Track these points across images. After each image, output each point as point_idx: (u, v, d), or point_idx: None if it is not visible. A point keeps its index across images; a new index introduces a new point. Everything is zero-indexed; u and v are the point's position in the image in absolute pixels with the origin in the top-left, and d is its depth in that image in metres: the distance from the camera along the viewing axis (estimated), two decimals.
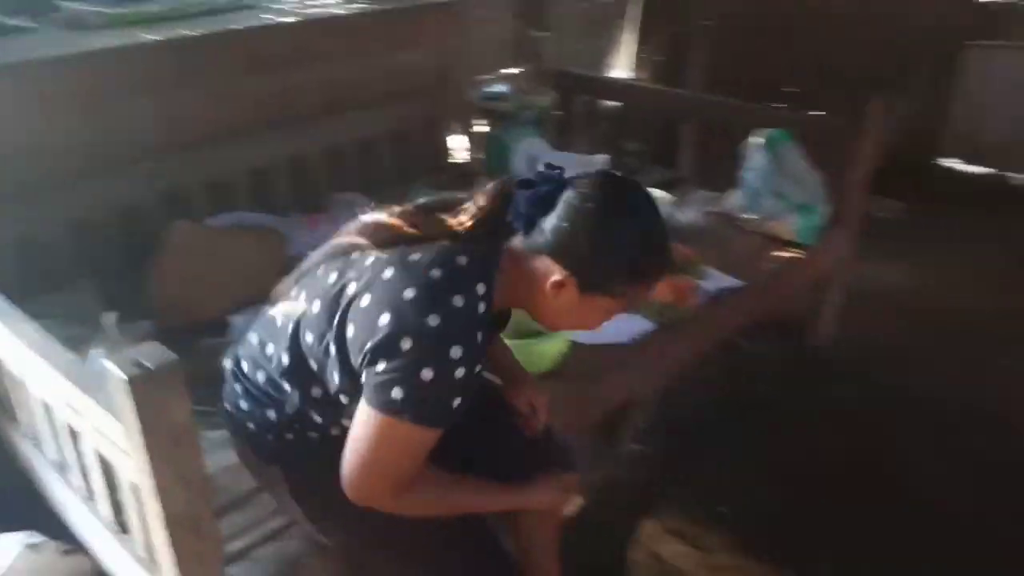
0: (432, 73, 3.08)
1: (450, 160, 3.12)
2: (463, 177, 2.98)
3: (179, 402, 1.14)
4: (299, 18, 2.74)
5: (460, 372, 1.12)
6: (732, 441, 2.44)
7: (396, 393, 1.12)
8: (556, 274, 1.19)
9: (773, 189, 2.69)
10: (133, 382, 1.08)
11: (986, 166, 4.34)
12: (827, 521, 2.16)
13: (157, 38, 2.39)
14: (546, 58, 3.31)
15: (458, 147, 3.20)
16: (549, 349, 1.88)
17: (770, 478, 2.30)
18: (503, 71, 3.22)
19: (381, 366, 1.13)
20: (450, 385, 1.12)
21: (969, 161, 4.42)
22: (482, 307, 1.15)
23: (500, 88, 2.87)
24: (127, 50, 2.31)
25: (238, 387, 1.39)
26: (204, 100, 2.48)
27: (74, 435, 1.48)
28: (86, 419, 1.33)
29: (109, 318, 1.83)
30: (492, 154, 2.84)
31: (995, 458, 2.40)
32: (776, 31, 4.21)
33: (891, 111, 2.55)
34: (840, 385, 2.70)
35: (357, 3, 2.91)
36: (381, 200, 2.45)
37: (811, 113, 3.10)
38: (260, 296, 2.05)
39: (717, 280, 2.33)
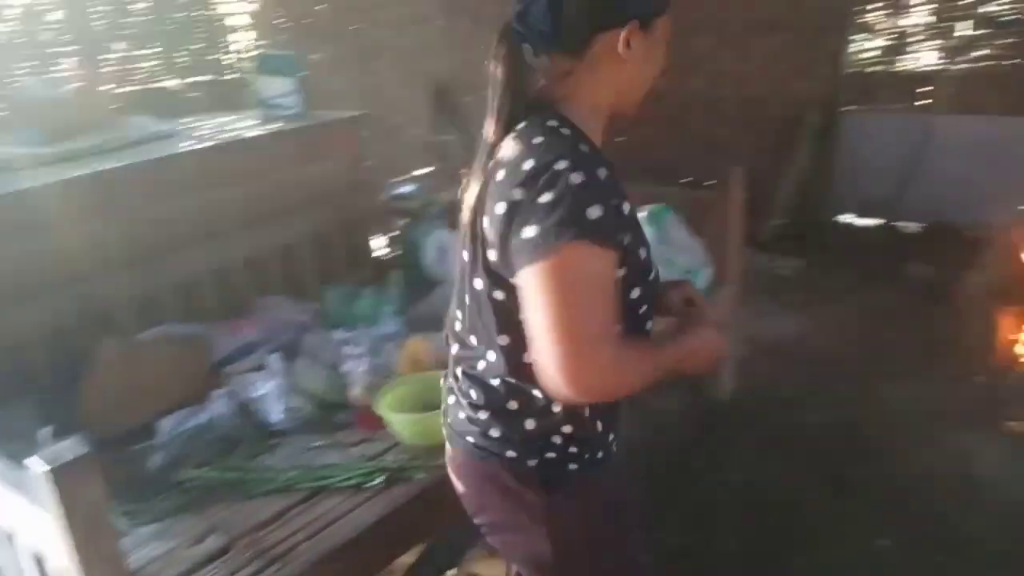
0: (343, 180, 3.34)
1: (371, 257, 3.36)
2: (380, 271, 3.22)
3: (95, 488, 1.32)
4: (216, 143, 2.99)
5: (579, 180, 1.10)
6: (643, 487, 2.63)
7: (531, 232, 1.10)
8: (615, 37, 1.19)
9: (662, 257, 2.96)
10: (54, 472, 1.26)
11: (876, 218, 4.72)
12: (731, 554, 2.35)
13: (84, 172, 2.62)
14: (452, 159, 3.61)
15: (377, 245, 3.44)
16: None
17: (680, 519, 2.49)
18: (416, 172, 3.50)
19: (518, 234, 1.12)
20: (582, 195, 1.09)
21: (861, 215, 4.79)
22: (589, 162, 1.14)
23: (408, 188, 3.14)
24: (55, 185, 2.53)
25: (470, 409, 1.32)
26: (129, 224, 2.68)
27: (9, 537, 1.62)
28: (18, 518, 1.49)
29: (45, 433, 2.00)
30: (405, 249, 3.08)
31: (879, 483, 2.62)
32: (665, 118, 4.59)
33: (744, 180, 2.85)
34: (740, 431, 2.92)
35: (269, 124, 3.18)
36: (306, 300, 2.65)
37: (683, 185, 3.41)
38: (186, 399, 2.27)
39: None
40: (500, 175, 1.19)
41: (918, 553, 2.30)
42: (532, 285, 1.10)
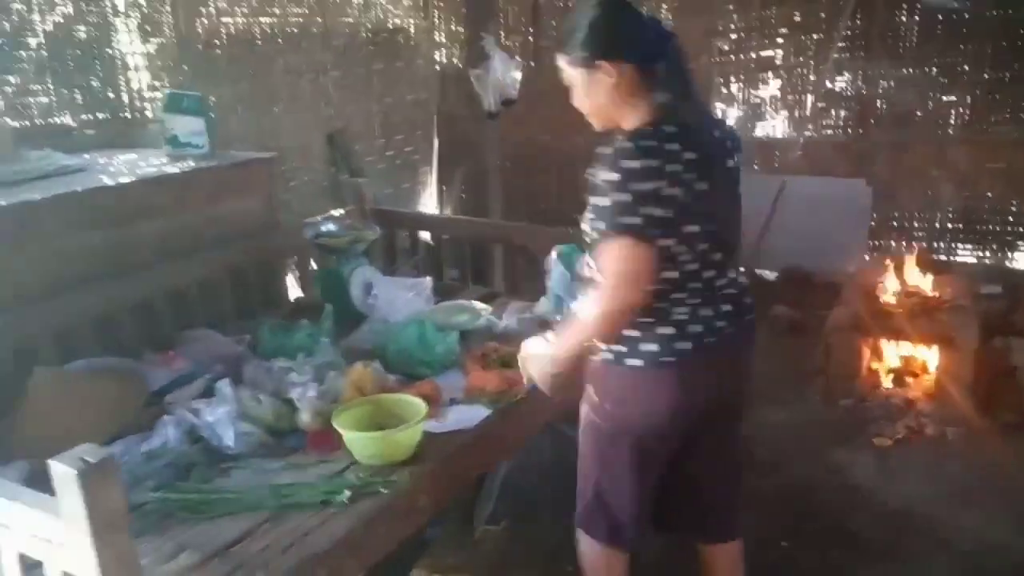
0: (259, 218, 3.39)
1: (294, 295, 3.40)
2: (299, 310, 3.27)
3: (117, 489, 1.35)
4: (134, 177, 2.97)
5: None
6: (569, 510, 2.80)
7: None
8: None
9: (572, 293, 3.19)
10: (82, 475, 1.29)
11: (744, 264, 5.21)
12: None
13: (1, 203, 2.54)
14: (366, 199, 3.73)
15: (294, 283, 3.49)
16: (406, 438, 2.18)
17: None
18: (332, 212, 3.58)
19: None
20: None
21: None
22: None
23: (330, 227, 3.22)
24: None
25: None
26: (47, 256, 2.63)
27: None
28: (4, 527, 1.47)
29: None
30: (325, 286, 3.16)
31: (772, 492, 2.93)
32: (552, 167, 4.94)
33: None
34: None
35: (184, 162, 3.19)
36: (229, 334, 2.69)
37: None
38: (126, 429, 2.24)
39: None
40: None
41: (814, 550, 2.59)
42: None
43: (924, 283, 3.56)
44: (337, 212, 3.61)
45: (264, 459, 2.22)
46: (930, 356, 3.47)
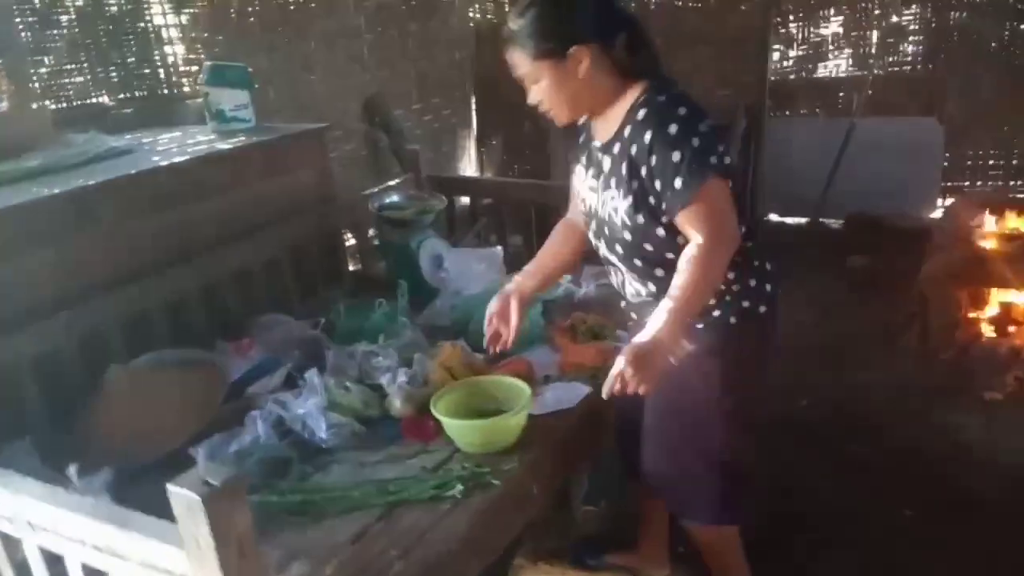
0: (315, 191, 3.22)
1: (352, 269, 3.24)
2: (362, 287, 3.12)
3: (244, 514, 1.20)
4: (187, 156, 2.81)
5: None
6: None
7: None
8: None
9: None
10: (207, 501, 1.14)
11: (800, 216, 4.99)
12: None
13: (54, 191, 2.39)
14: (389, 172, 3.54)
15: (360, 257, 3.33)
16: (513, 425, 2.02)
17: None
18: (390, 182, 3.41)
19: None
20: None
21: (785, 214, 5.05)
22: None
23: (394, 198, 3.05)
24: (26, 207, 2.29)
25: None
26: (107, 243, 2.48)
27: None
28: (118, 557, 1.33)
29: (74, 472, 1.82)
30: (394, 260, 2.99)
31: (880, 459, 2.76)
32: None
33: None
34: None
35: (234, 138, 3.02)
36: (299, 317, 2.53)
37: None
38: (210, 425, 2.10)
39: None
40: None
41: (939, 519, 2.43)
42: None
43: (1019, 223, 3.34)
44: (393, 181, 3.43)
45: (360, 451, 2.08)
46: None
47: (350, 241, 3.54)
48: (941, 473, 2.65)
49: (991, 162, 4.59)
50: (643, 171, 1.69)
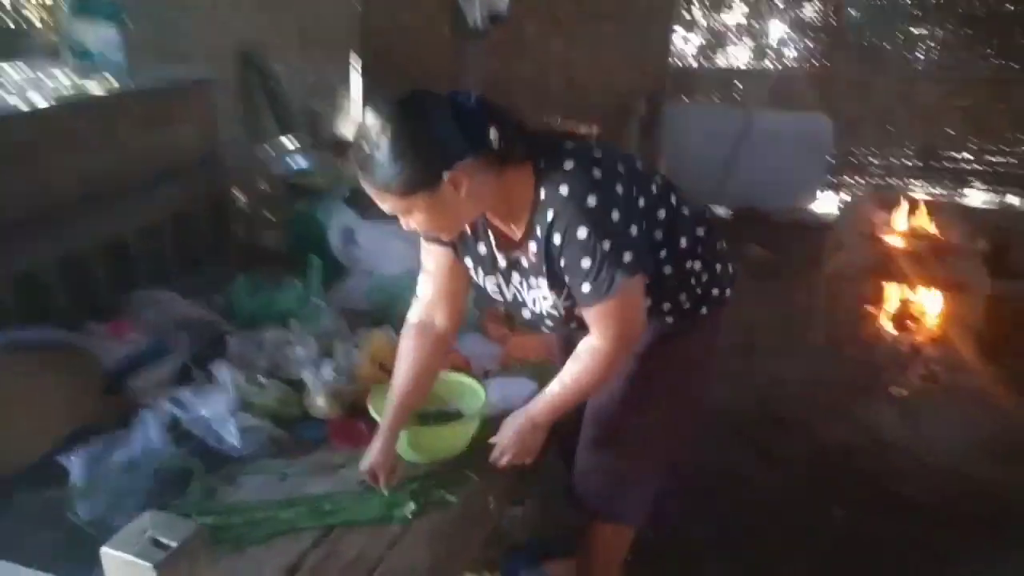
0: (199, 150, 2.80)
1: (238, 241, 2.84)
2: (262, 257, 2.74)
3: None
4: (51, 102, 2.33)
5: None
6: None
7: None
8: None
9: None
10: (160, 568, 0.83)
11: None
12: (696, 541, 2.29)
13: None
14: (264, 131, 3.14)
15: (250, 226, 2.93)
16: (466, 431, 1.77)
17: None
18: (288, 144, 3.01)
19: None
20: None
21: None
22: None
23: (300, 162, 2.68)
24: None
25: None
26: None
27: None
28: None
29: None
30: (297, 232, 2.63)
31: (805, 456, 2.72)
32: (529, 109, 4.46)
33: None
34: None
35: (87, 80, 2.54)
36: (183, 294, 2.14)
37: None
38: (83, 427, 1.71)
39: None
40: None
41: (870, 519, 2.40)
42: None
43: (927, 224, 3.41)
44: (288, 141, 3.04)
45: (278, 459, 1.75)
46: (929, 300, 3.35)
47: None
48: (867, 471, 2.63)
49: (872, 160, 4.75)
50: (560, 267, 1.49)
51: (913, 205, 3.48)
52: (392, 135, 1.33)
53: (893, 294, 3.40)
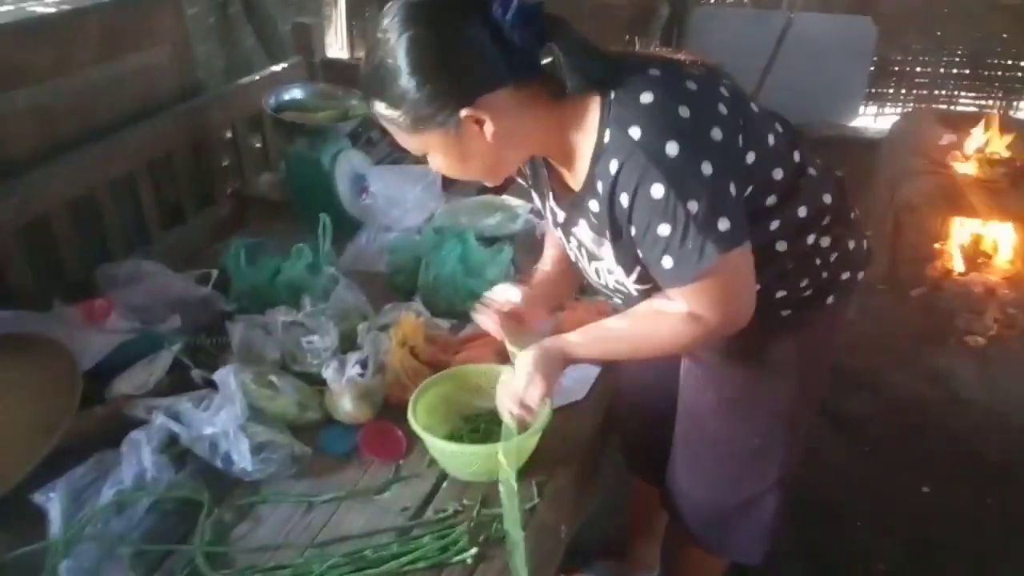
0: (172, 79, 2.37)
1: (248, 192, 2.46)
2: (257, 210, 2.36)
3: None
4: None
5: None
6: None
7: None
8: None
9: None
10: None
11: None
12: None
13: None
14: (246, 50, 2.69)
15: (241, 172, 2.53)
16: (529, 445, 1.43)
17: None
18: (273, 68, 2.57)
19: None
20: None
21: None
22: None
23: (295, 93, 2.26)
24: None
25: None
26: None
27: None
28: None
29: None
30: (299, 177, 2.24)
31: (880, 419, 2.44)
32: None
33: None
34: None
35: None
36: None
37: None
38: (58, 450, 1.38)
39: None
40: None
41: (962, 492, 2.14)
42: None
43: (999, 147, 3.04)
44: (279, 66, 2.61)
45: (301, 481, 1.44)
46: (1003, 235, 3.01)
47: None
48: (948, 435, 2.36)
49: (918, 69, 4.32)
50: (630, 236, 1.14)
51: (987, 123, 3.09)
52: (410, 49, 1.04)
53: (963, 228, 3.04)
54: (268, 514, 1.37)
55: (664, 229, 1.07)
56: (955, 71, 4.28)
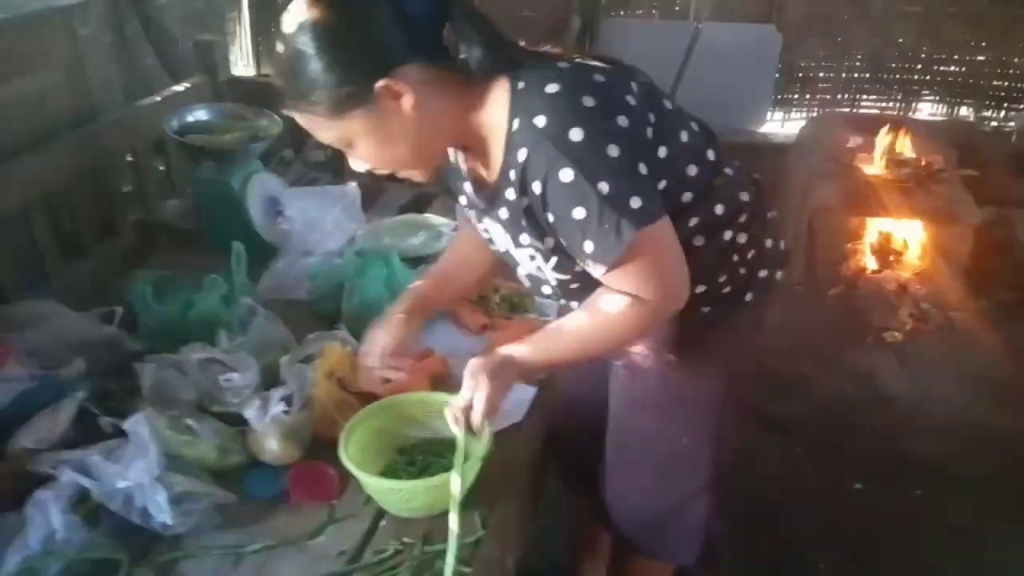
0: (67, 103, 2.23)
1: (148, 217, 2.32)
2: (164, 237, 2.24)
3: None
4: None
5: None
6: None
7: None
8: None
9: None
10: None
11: None
12: None
13: None
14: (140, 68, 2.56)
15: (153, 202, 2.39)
16: (469, 477, 1.38)
17: None
18: (176, 89, 2.44)
19: None
20: None
21: None
22: None
23: (199, 114, 2.14)
24: None
25: None
26: None
27: None
28: None
29: None
30: (208, 202, 2.13)
31: (805, 417, 2.48)
32: None
33: None
34: None
35: None
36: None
37: None
38: None
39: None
40: None
41: (891, 489, 2.19)
42: None
43: (905, 148, 3.14)
44: (181, 86, 2.48)
45: (227, 532, 1.34)
46: (910, 232, 3.12)
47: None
48: (875, 431, 2.42)
49: (821, 74, 4.45)
50: (548, 225, 1.16)
51: (894, 125, 3.19)
52: (313, 32, 1.05)
53: (870, 228, 3.14)
54: (193, 570, 1.27)
55: (579, 212, 1.08)
56: (856, 75, 4.43)
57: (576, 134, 1.05)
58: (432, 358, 1.71)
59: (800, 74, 4.46)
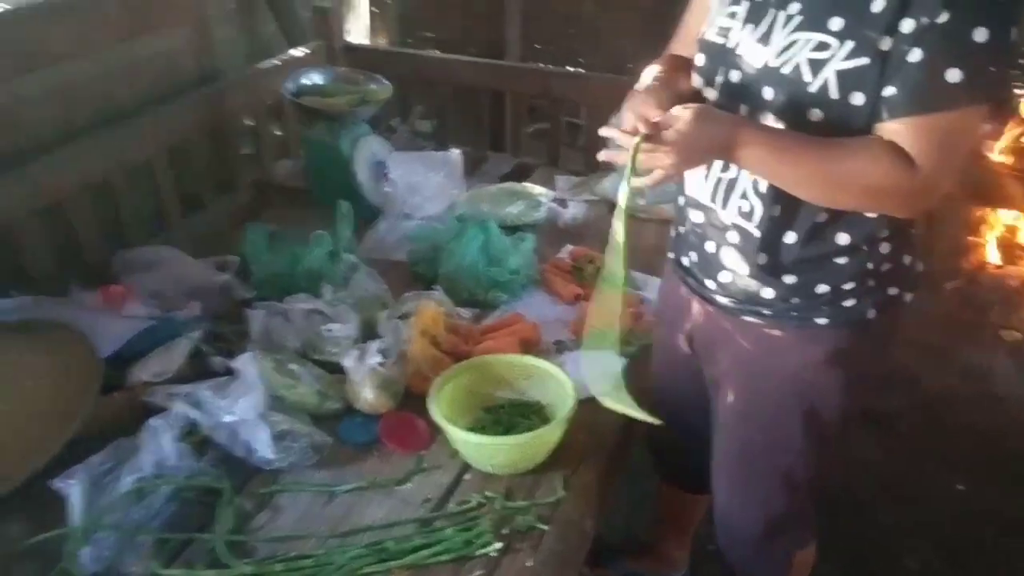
0: (192, 62, 2.34)
1: (267, 179, 2.43)
2: (276, 196, 2.33)
3: None
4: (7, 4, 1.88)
5: None
6: None
7: None
8: None
9: None
10: None
11: None
12: None
13: None
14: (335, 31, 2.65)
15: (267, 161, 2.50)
16: (554, 437, 1.40)
17: None
18: (295, 53, 2.53)
19: None
20: None
21: None
22: None
23: (315, 78, 2.22)
24: None
25: None
26: None
27: None
28: None
29: None
30: (319, 163, 2.21)
31: (914, 415, 2.38)
32: None
33: None
34: None
35: None
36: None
37: None
38: (77, 437, 1.36)
39: (653, 285, 1.96)
40: None
41: (993, 491, 2.08)
42: None
43: None
44: (300, 51, 2.57)
45: (321, 471, 1.40)
46: None
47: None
48: (982, 433, 2.29)
49: None
50: (911, 26, 1.00)
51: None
52: None
53: (998, 220, 2.96)
54: (288, 503, 1.34)
55: (980, 34, 0.96)
56: None
57: None
58: (523, 324, 1.73)
59: None
